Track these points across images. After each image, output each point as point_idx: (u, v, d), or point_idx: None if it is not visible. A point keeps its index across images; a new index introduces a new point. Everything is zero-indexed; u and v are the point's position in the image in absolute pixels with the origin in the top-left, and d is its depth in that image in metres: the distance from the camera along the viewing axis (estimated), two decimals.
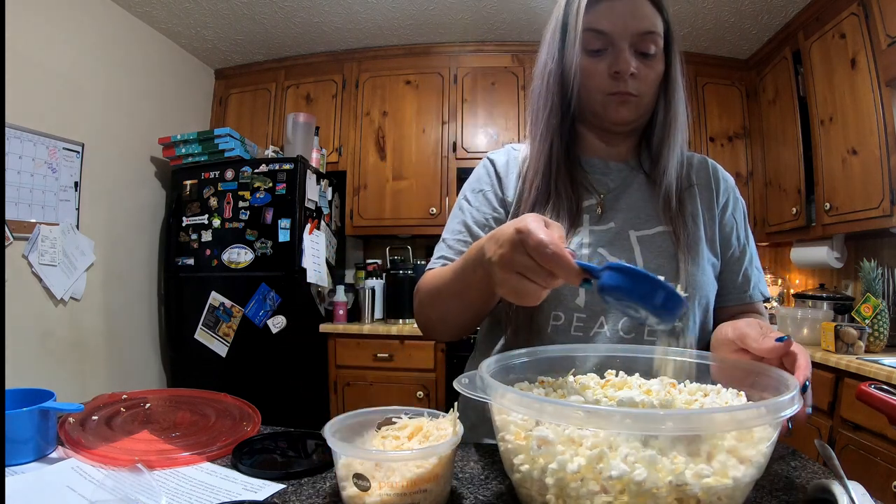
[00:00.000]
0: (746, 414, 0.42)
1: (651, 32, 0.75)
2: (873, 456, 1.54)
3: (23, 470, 0.58)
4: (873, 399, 0.68)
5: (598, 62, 0.76)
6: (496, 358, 0.58)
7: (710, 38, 2.77)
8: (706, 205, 0.84)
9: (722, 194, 0.86)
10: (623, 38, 0.74)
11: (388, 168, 2.93)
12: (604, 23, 0.75)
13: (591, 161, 0.85)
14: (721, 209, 0.85)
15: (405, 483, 0.49)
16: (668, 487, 0.40)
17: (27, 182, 2.05)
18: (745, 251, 0.85)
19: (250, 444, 0.67)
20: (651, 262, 0.78)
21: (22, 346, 2.01)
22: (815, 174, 2.32)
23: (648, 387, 0.59)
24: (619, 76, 0.75)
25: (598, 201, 0.82)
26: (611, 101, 0.77)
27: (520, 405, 0.45)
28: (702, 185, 0.85)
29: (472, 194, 0.89)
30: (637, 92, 0.77)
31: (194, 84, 3.08)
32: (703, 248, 0.80)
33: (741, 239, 0.85)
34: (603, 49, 0.76)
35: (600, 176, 0.84)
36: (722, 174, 0.88)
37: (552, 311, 0.77)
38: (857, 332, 1.83)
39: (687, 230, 0.79)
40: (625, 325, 0.76)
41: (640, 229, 0.80)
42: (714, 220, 0.84)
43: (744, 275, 0.84)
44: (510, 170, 0.88)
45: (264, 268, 2.47)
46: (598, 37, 0.75)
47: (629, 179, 0.84)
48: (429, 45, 2.99)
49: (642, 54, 0.76)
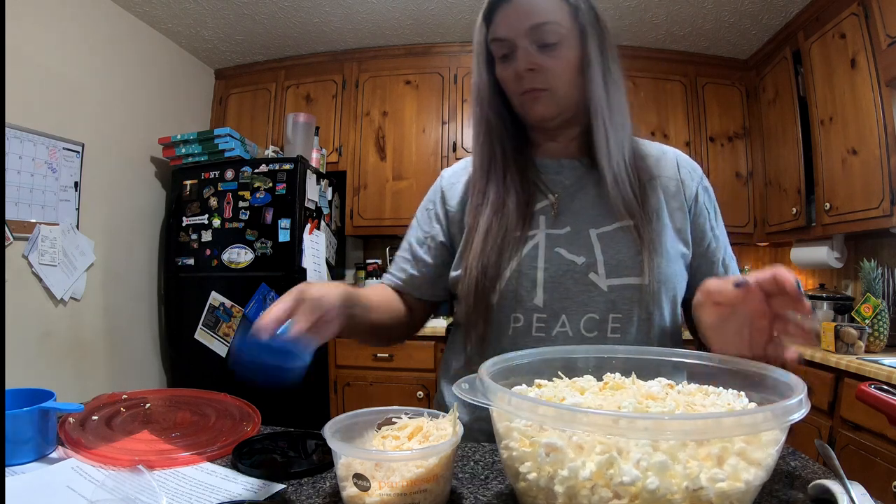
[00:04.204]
0: (753, 418, 0.42)
1: (544, 23, 0.74)
2: (873, 456, 1.54)
3: (23, 470, 0.58)
4: (873, 399, 0.68)
5: (507, 68, 0.78)
6: (494, 360, 0.58)
7: (710, 38, 2.77)
8: (672, 195, 0.81)
9: (690, 184, 0.83)
10: (518, 37, 0.75)
11: (388, 168, 2.93)
12: (501, 29, 0.77)
13: (544, 162, 0.85)
14: (692, 199, 0.82)
15: (405, 483, 0.48)
16: (684, 493, 0.40)
17: (27, 182, 2.05)
18: (720, 240, 0.83)
19: (250, 444, 0.67)
20: (612, 258, 0.76)
21: (22, 346, 2.01)
22: (815, 174, 2.32)
23: (648, 388, 0.59)
24: (519, 76, 0.76)
25: (552, 201, 0.81)
26: (524, 100, 0.78)
27: (532, 412, 0.44)
28: (667, 176, 0.82)
29: (420, 211, 0.93)
30: (545, 85, 0.76)
31: (194, 84, 3.08)
32: (669, 239, 0.78)
33: (714, 229, 0.83)
34: (509, 53, 0.77)
35: (553, 175, 0.84)
36: (689, 164, 0.86)
37: (511, 313, 0.77)
38: (857, 332, 1.83)
39: (650, 224, 0.77)
40: (586, 323, 0.76)
41: (601, 226, 0.78)
42: (684, 210, 0.81)
43: (723, 265, 0.83)
44: (457, 179, 0.90)
45: (264, 268, 2.47)
46: (501, 44, 0.78)
47: (583, 177, 0.82)
48: (429, 45, 2.99)
49: (544, 46, 0.75)
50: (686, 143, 2.83)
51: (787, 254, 2.75)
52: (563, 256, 0.77)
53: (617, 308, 0.75)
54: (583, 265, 0.76)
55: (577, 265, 0.77)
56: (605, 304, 0.76)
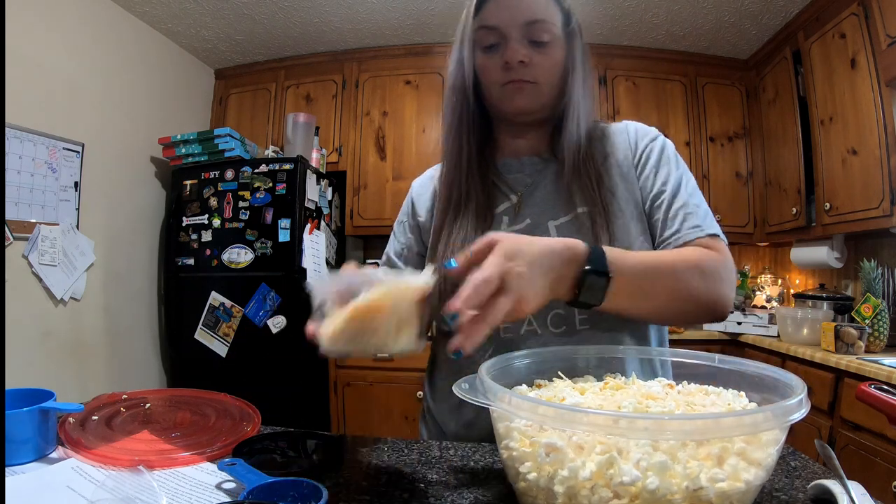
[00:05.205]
0: (753, 418, 0.42)
1: (541, 20, 0.75)
2: (873, 456, 1.54)
3: (23, 470, 0.58)
4: (873, 399, 0.68)
5: (491, 57, 0.78)
6: (494, 360, 0.58)
7: (710, 38, 2.77)
8: (623, 170, 0.79)
9: (637, 150, 0.81)
10: (512, 28, 0.75)
11: (388, 168, 2.93)
12: (492, 18, 0.76)
13: (507, 162, 0.85)
14: (639, 162, 0.80)
15: (353, 309, 0.51)
16: (684, 493, 0.40)
17: (27, 182, 2.05)
18: (669, 188, 0.76)
19: (250, 444, 0.67)
20: None
21: (22, 346, 2.01)
22: (815, 174, 2.32)
23: (648, 388, 0.59)
24: (508, 66, 0.76)
25: (515, 202, 0.81)
26: (506, 90, 0.78)
27: (532, 412, 0.44)
28: (615, 151, 0.81)
29: (396, 224, 0.96)
30: (532, 79, 0.77)
31: (194, 84, 3.08)
32: (626, 220, 0.76)
33: (661, 178, 0.77)
34: (496, 44, 0.77)
35: (516, 175, 0.84)
36: (637, 130, 0.83)
37: None
38: (857, 332, 1.83)
39: (607, 207, 0.75)
40: (553, 320, 0.76)
41: (559, 218, 0.78)
42: (633, 180, 0.79)
43: (672, 214, 0.75)
44: (425, 189, 0.92)
45: (264, 268, 2.47)
46: (489, 33, 0.77)
47: (543, 172, 0.83)
48: (429, 45, 2.99)
49: (536, 43, 0.76)
50: (686, 143, 2.83)
51: (787, 254, 2.75)
52: None
53: None
54: None
55: None
56: None
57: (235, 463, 0.57)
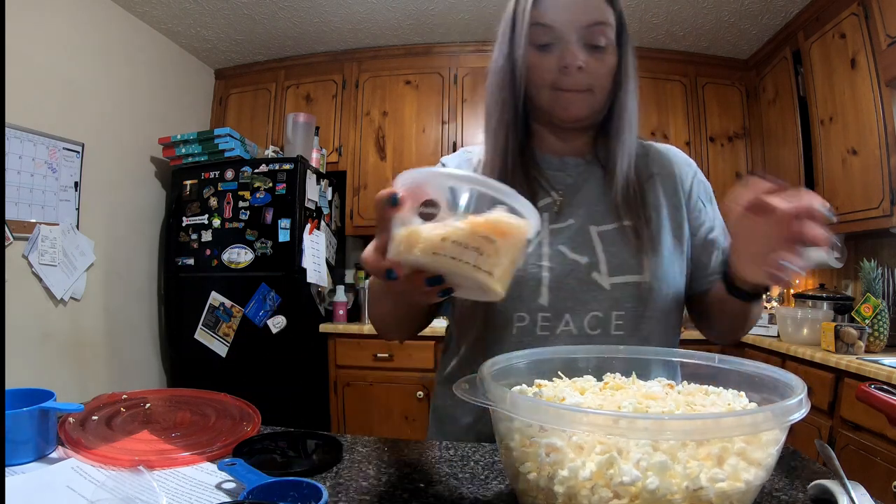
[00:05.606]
0: (753, 418, 0.42)
1: (600, 23, 0.73)
2: (873, 456, 1.54)
3: (23, 470, 0.58)
4: (873, 399, 0.68)
5: (545, 57, 0.74)
6: (494, 360, 0.58)
7: (710, 38, 2.77)
8: (669, 193, 0.82)
9: (685, 179, 0.83)
10: (570, 30, 0.73)
11: (388, 168, 2.93)
12: (550, 16, 0.73)
13: (547, 158, 0.84)
14: (688, 193, 0.83)
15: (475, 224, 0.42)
16: (684, 493, 0.40)
17: (27, 182, 2.05)
18: (716, 229, 0.83)
19: (250, 444, 0.67)
20: (614, 257, 0.77)
21: (22, 346, 2.01)
22: (815, 174, 2.32)
23: (648, 388, 0.59)
24: (566, 70, 0.73)
25: (555, 199, 0.81)
26: (559, 96, 0.76)
27: (532, 412, 0.44)
28: (664, 174, 0.83)
29: None
30: (587, 86, 0.75)
31: (194, 84, 3.08)
32: (667, 238, 0.78)
33: (711, 220, 0.83)
34: (550, 43, 0.74)
35: (556, 172, 0.83)
36: (683, 159, 0.86)
37: (515, 312, 0.76)
38: (857, 332, 1.83)
39: (649, 223, 0.77)
40: (590, 321, 0.76)
41: (600, 224, 0.78)
42: (680, 207, 0.81)
43: (720, 250, 0.82)
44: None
45: (264, 268, 2.47)
46: (544, 31, 0.74)
47: (586, 175, 0.82)
48: (429, 45, 2.99)
49: (592, 47, 0.74)
50: (686, 143, 2.83)
51: None
52: (566, 256, 0.77)
53: (620, 305, 0.76)
54: (585, 265, 0.77)
55: (580, 265, 0.77)
56: (607, 302, 0.76)
57: (235, 463, 0.57)
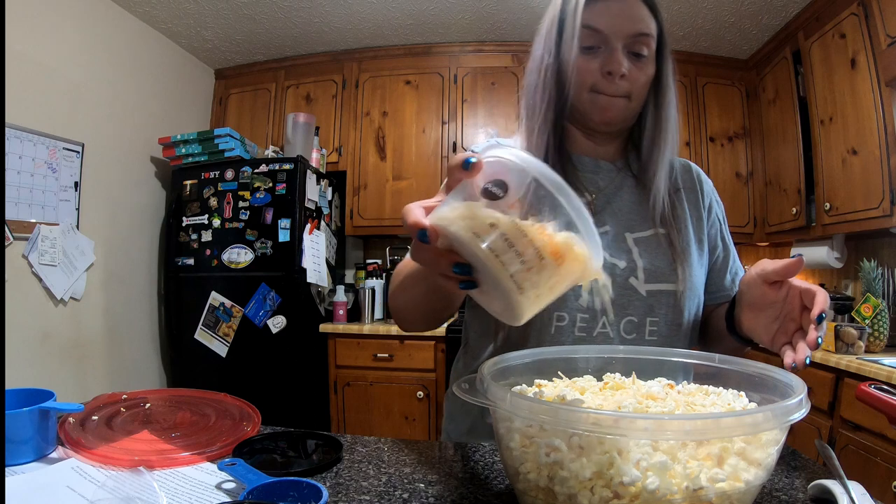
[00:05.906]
0: (753, 418, 0.42)
1: (645, 34, 0.75)
2: (873, 456, 1.54)
3: (23, 470, 0.58)
4: (873, 399, 0.68)
5: (590, 59, 0.76)
6: (494, 360, 0.58)
7: (710, 38, 2.77)
8: (693, 207, 0.86)
9: (705, 197, 0.88)
10: (617, 37, 0.74)
11: (388, 168, 2.93)
12: (599, 21, 0.74)
13: (582, 159, 0.85)
14: (707, 211, 0.87)
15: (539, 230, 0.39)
16: (684, 493, 0.40)
17: (27, 182, 2.05)
18: (729, 252, 0.88)
19: (250, 444, 0.67)
20: (650, 263, 0.78)
21: (22, 346, 2.01)
22: (815, 174, 2.32)
23: (648, 388, 0.59)
24: (610, 77, 0.75)
25: (589, 201, 0.81)
26: (598, 99, 0.77)
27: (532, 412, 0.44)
28: (687, 188, 0.87)
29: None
30: (626, 94, 0.77)
31: (194, 84, 3.08)
32: (694, 249, 0.83)
33: (725, 240, 0.88)
34: (596, 47, 0.76)
35: (590, 174, 0.84)
36: (704, 177, 0.91)
37: (555, 311, 0.77)
38: (857, 332, 1.83)
39: (680, 234, 0.81)
40: (626, 325, 0.77)
41: (636, 231, 0.81)
42: (701, 220, 0.86)
43: (731, 274, 0.87)
44: None
45: (264, 268, 2.47)
46: (592, 34, 0.75)
47: (619, 181, 0.84)
48: (429, 45, 2.99)
49: (635, 55, 0.76)
50: (686, 143, 2.83)
51: (787, 254, 2.75)
52: (606, 259, 0.77)
53: (654, 312, 0.78)
54: (624, 269, 0.78)
55: (618, 268, 0.78)
56: (643, 308, 0.78)
57: (235, 463, 0.57)
